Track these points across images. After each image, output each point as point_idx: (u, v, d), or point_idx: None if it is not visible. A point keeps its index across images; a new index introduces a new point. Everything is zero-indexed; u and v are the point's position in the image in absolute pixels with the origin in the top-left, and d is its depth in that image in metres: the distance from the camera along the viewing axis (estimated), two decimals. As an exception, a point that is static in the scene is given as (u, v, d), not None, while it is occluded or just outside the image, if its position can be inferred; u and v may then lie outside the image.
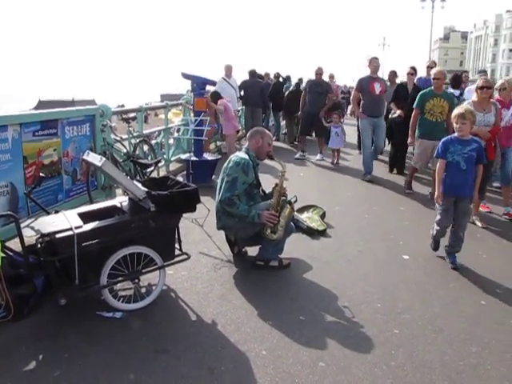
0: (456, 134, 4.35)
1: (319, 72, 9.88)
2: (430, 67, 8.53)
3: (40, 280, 3.27)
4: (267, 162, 4.55)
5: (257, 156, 4.29)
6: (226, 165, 4.19)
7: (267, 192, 4.35)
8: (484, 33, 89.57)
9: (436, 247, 4.64)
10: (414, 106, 6.68)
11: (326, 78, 12.95)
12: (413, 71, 8.78)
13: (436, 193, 4.35)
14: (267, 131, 4.43)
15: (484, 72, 11.58)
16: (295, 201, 4.33)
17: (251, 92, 11.26)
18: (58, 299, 3.08)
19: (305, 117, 10.05)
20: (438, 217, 4.44)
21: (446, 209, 4.34)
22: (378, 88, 7.95)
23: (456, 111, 4.36)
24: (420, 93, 6.73)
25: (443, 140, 4.41)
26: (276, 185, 4.16)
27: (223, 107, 8.51)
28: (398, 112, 8.06)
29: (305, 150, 10.20)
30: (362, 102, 8.16)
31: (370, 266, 4.34)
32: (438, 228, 4.47)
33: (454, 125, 4.33)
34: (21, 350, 2.90)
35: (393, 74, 10.35)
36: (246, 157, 4.14)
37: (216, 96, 8.69)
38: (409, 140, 6.92)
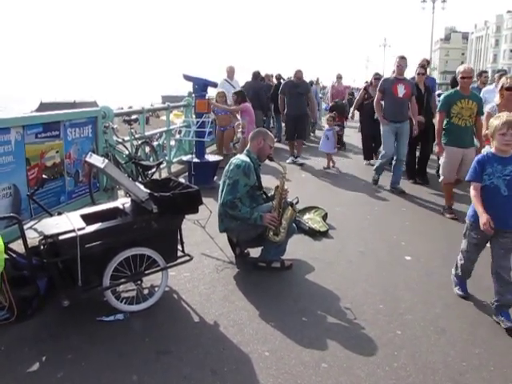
0: (493, 150, 3.44)
1: (299, 75, 9.51)
2: (423, 66, 8.08)
3: (43, 282, 3.28)
4: (269, 163, 4.55)
5: (258, 157, 4.30)
6: (227, 167, 4.20)
7: (269, 194, 4.35)
8: (485, 33, 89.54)
9: (463, 289, 3.79)
10: (439, 108, 5.91)
11: (333, 78, 13.25)
12: (423, 70, 8.00)
13: (481, 219, 3.26)
14: (269, 133, 4.44)
15: (503, 71, 10.73)
16: (297, 202, 4.33)
17: (254, 94, 11.17)
18: (61, 301, 3.09)
19: (288, 120, 9.64)
20: (465, 247, 3.63)
21: (478, 243, 3.54)
22: (401, 90, 7.14)
23: (503, 118, 3.36)
24: (445, 94, 6.04)
25: (478, 158, 3.49)
26: (277, 187, 4.16)
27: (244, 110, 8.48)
28: (420, 118, 7.48)
29: (295, 154, 9.76)
30: (383, 106, 7.40)
31: (371, 266, 4.35)
32: (463, 262, 3.68)
33: (498, 136, 3.35)
34: (24, 351, 2.91)
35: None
36: (247, 159, 4.15)
37: (242, 97, 8.62)
38: (436, 149, 6.13)
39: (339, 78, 13.19)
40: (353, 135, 11.87)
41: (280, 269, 4.17)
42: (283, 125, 13.29)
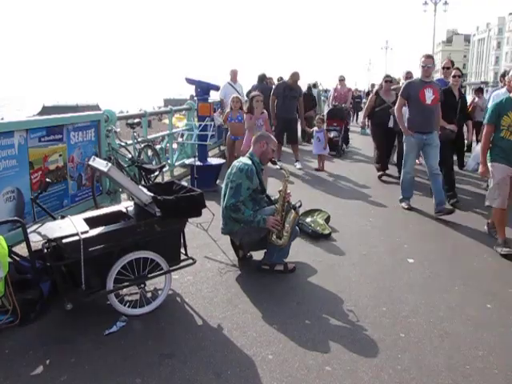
0: None
1: (296, 78, 9.32)
2: (447, 68, 7.10)
3: (46, 285, 3.29)
4: (271, 165, 4.55)
5: (260, 161, 4.31)
6: (229, 171, 4.21)
7: (272, 198, 4.36)
8: (487, 35, 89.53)
9: None
10: (487, 120, 4.92)
11: (335, 80, 12.75)
12: (459, 72, 6.82)
13: None
14: (272, 136, 4.45)
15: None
16: (299, 206, 4.31)
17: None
18: (65, 304, 3.10)
19: (278, 123, 9.32)
20: None
21: None
22: (429, 96, 6.02)
23: None
24: (494, 103, 4.97)
25: None
26: (280, 190, 4.17)
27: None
28: (450, 126, 6.50)
29: (279, 159, 9.41)
30: (408, 114, 6.34)
31: (375, 269, 4.34)
32: None
33: None
34: (28, 354, 2.91)
35: (409, 77, 8.51)
36: (250, 162, 4.17)
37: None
38: (480, 169, 5.02)
39: (342, 80, 12.40)
40: (355, 138, 11.85)
41: (283, 272, 4.17)
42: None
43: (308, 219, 5.44)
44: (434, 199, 6.09)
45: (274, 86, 9.73)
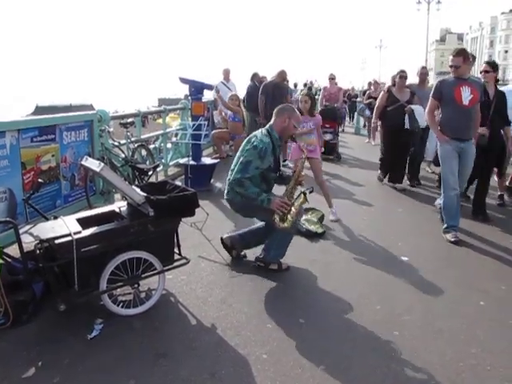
0: None
1: (284, 76, 9.19)
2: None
3: (39, 286, 3.26)
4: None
5: (280, 137, 4.14)
6: (244, 143, 4.12)
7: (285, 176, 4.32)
8: (480, 34, 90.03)
9: None
10: None
11: (326, 79, 12.03)
12: (488, 67, 5.90)
13: None
14: (296, 110, 4.24)
15: None
16: (311, 191, 4.14)
17: (255, 97, 9.90)
18: (57, 305, 3.08)
19: (268, 122, 9.06)
20: None
21: None
22: (466, 95, 5.00)
23: None
24: None
25: None
26: (294, 171, 4.08)
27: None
28: (481, 130, 5.55)
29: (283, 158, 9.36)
30: (440, 117, 5.38)
31: (369, 268, 4.35)
32: None
33: None
34: (20, 355, 2.89)
35: (425, 73, 7.91)
36: (267, 139, 4.01)
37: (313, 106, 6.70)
38: None
39: (332, 78, 11.67)
40: (349, 138, 11.87)
41: (277, 271, 4.16)
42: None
43: (302, 218, 5.43)
44: (445, 218, 5.25)
45: (261, 86, 9.49)
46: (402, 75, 7.44)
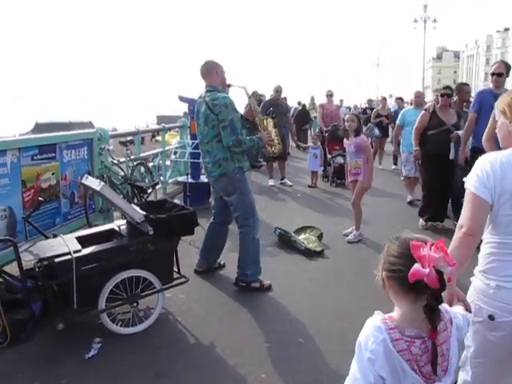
0: None
1: (279, 90, 9.14)
2: (498, 74, 5.11)
3: (38, 304, 3.26)
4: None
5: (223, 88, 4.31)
6: (205, 109, 4.04)
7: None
8: (476, 52, 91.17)
9: None
10: None
11: (323, 96, 11.07)
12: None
13: None
14: (218, 62, 4.31)
15: None
16: (273, 116, 4.87)
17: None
18: (56, 324, 3.08)
19: None
20: None
21: None
22: None
23: None
24: None
25: None
26: (250, 108, 4.60)
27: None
28: None
29: (271, 176, 9.28)
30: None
31: (367, 287, 4.32)
32: None
33: None
34: (17, 376, 2.88)
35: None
36: (225, 94, 4.15)
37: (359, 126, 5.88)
38: None
39: (330, 95, 10.57)
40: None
41: (259, 289, 4.14)
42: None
43: (301, 236, 5.45)
44: None
45: (261, 104, 9.41)
46: (444, 93, 5.91)
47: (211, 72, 4.20)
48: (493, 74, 5.16)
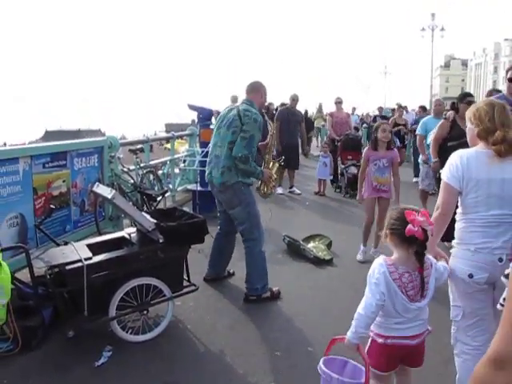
0: None
1: (295, 98, 9.16)
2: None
3: (48, 311, 3.29)
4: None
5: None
6: (234, 115, 4.02)
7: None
8: (484, 60, 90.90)
9: None
10: None
11: (331, 103, 10.67)
12: None
13: None
14: (265, 85, 4.41)
15: None
16: (282, 160, 5.25)
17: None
18: (66, 331, 3.10)
19: (286, 149, 8.57)
20: None
21: None
22: None
23: None
24: None
25: None
26: (267, 144, 4.70)
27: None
28: None
29: (280, 184, 8.92)
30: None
31: (377, 295, 4.32)
32: None
33: None
34: (28, 383, 2.89)
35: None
36: (258, 113, 4.12)
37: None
38: None
39: (339, 103, 10.02)
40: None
41: (270, 299, 4.11)
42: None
43: (310, 244, 5.45)
44: None
45: (277, 111, 9.67)
46: (468, 100, 5.33)
47: (258, 90, 4.28)
48: (510, 80, 4.73)
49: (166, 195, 7.24)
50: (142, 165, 6.80)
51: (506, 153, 2.28)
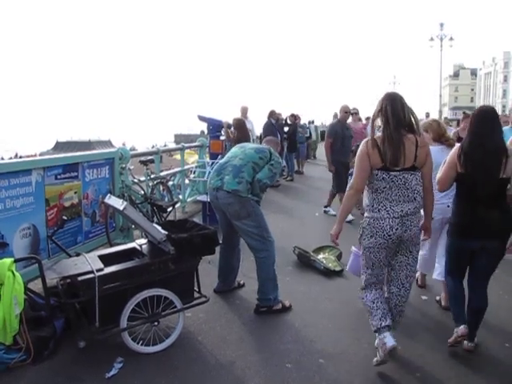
0: None
1: (348, 110, 8.06)
2: None
3: (60, 322, 3.32)
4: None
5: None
6: (265, 148, 4.37)
7: None
8: (493, 69, 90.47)
9: None
10: None
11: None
12: None
13: None
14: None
15: None
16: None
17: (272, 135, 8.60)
18: (78, 342, 3.11)
19: (340, 168, 7.76)
20: None
21: None
22: None
23: None
24: None
25: None
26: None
27: None
28: None
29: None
30: None
31: (388, 306, 4.29)
32: None
33: None
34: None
35: None
36: None
37: None
38: None
39: (355, 113, 9.58)
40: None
41: (282, 311, 4.10)
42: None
43: (320, 256, 5.43)
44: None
45: (329, 126, 8.56)
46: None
47: (275, 143, 4.76)
48: None
49: (176, 206, 7.27)
50: (152, 176, 6.84)
51: None
